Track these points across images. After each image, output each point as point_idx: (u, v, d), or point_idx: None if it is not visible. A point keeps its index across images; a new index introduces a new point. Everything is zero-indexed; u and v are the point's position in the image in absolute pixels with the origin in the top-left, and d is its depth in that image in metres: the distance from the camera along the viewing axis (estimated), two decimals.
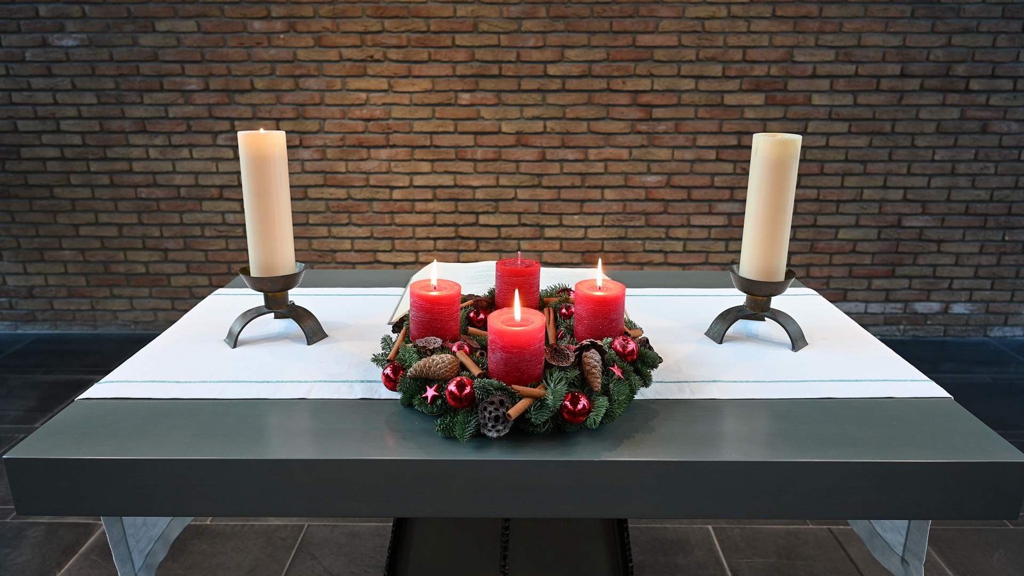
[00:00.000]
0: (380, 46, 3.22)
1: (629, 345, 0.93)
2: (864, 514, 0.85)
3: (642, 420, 0.92)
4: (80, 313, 3.60)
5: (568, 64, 3.24)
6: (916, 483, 0.83)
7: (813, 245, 3.48)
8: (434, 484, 0.83)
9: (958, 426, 0.91)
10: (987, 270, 3.50)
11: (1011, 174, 3.36)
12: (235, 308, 1.31)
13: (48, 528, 2.13)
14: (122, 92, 3.29)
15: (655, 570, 1.96)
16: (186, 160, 3.37)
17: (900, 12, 3.16)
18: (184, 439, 0.88)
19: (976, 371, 3.21)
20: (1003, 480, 0.82)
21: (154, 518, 1.10)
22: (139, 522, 1.06)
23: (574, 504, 0.83)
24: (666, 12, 3.17)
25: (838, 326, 1.23)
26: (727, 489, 0.85)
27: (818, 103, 3.28)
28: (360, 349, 1.12)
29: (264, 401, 0.97)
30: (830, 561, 1.99)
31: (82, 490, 0.86)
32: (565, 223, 3.43)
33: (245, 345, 1.14)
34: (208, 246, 3.49)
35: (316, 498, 0.85)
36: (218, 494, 0.85)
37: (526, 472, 0.82)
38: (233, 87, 3.28)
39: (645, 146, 3.34)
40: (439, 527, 1.19)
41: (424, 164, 3.36)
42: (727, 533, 2.11)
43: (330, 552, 2.03)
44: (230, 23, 3.20)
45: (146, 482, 0.84)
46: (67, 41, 3.23)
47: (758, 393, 0.99)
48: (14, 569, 1.96)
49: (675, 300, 1.37)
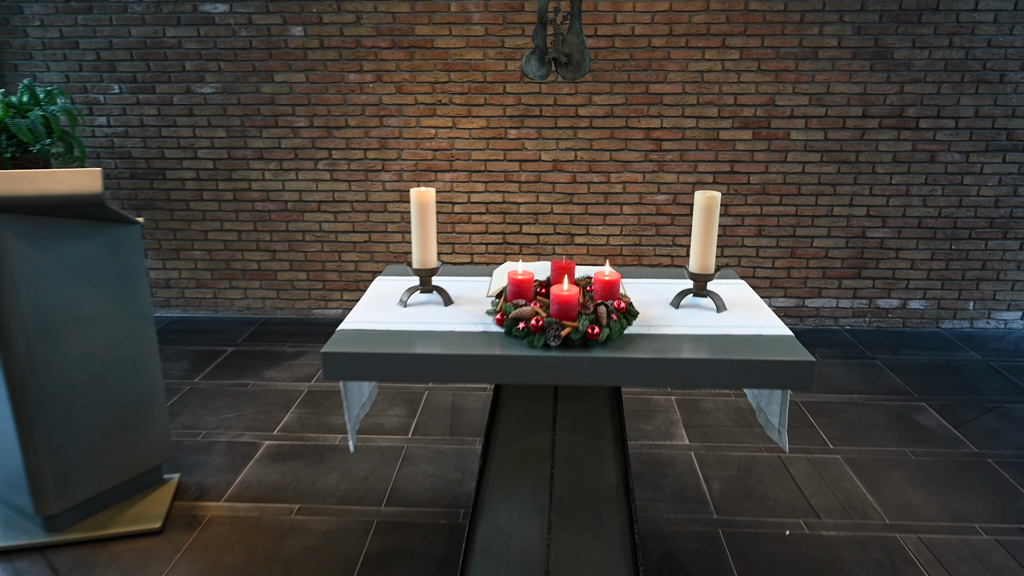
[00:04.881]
0: (447, 92, 4.11)
1: (622, 304, 1.78)
2: (740, 384, 1.69)
3: (628, 341, 1.76)
4: (205, 300, 4.54)
5: (594, 107, 4.09)
6: (762, 369, 1.67)
7: (793, 251, 4.28)
8: (522, 367, 1.69)
9: (788, 346, 1.74)
10: (937, 273, 4.28)
11: (955, 195, 4.13)
12: (392, 288, 2.18)
13: (228, 444, 3.04)
14: (246, 128, 4.22)
15: (651, 479, 2.80)
16: (292, 180, 4.29)
17: (861, 66, 3.96)
18: (395, 346, 1.74)
19: (927, 355, 3.99)
20: (801, 368, 1.66)
21: (357, 394, 1.97)
22: (354, 395, 1.93)
23: (592, 379, 1.68)
24: (672, 67, 4.01)
25: (748, 300, 2.06)
26: (671, 372, 1.69)
27: (795, 138, 4.09)
28: (475, 308, 1.99)
29: (431, 332, 1.84)
30: (775, 476, 2.82)
31: (352, 367, 1.73)
32: (591, 232, 4.28)
33: (411, 307, 2.01)
34: (307, 248, 4.41)
35: (467, 373, 1.71)
36: (417, 370, 1.72)
37: (568, 362, 1.68)
38: (331, 124, 4.19)
39: (656, 171, 4.18)
40: (515, 401, 2.04)
41: (479, 185, 4.24)
42: (703, 455, 2.95)
43: (424, 461, 2.91)
44: (331, 75, 4.11)
45: (382, 363, 1.71)
46: (206, 89, 4.16)
47: (692, 332, 1.83)
48: (212, 468, 2.87)
49: (654, 285, 2.22)
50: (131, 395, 2.53)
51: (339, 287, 4.47)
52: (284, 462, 2.92)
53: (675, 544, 2.43)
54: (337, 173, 4.26)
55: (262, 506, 2.64)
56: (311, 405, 3.40)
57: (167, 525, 2.53)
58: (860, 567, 2.31)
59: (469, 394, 3.50)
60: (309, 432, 3.16)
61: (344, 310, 4.50)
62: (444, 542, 2.43)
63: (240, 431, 3.16)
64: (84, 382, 2.39)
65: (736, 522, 2.54)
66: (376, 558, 2.36)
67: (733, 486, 2.75)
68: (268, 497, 2.69)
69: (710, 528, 2.51)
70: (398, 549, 2.41)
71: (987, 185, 4.09)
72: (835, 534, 2.47)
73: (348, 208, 4.31)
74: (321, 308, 4.52)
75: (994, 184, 4.08)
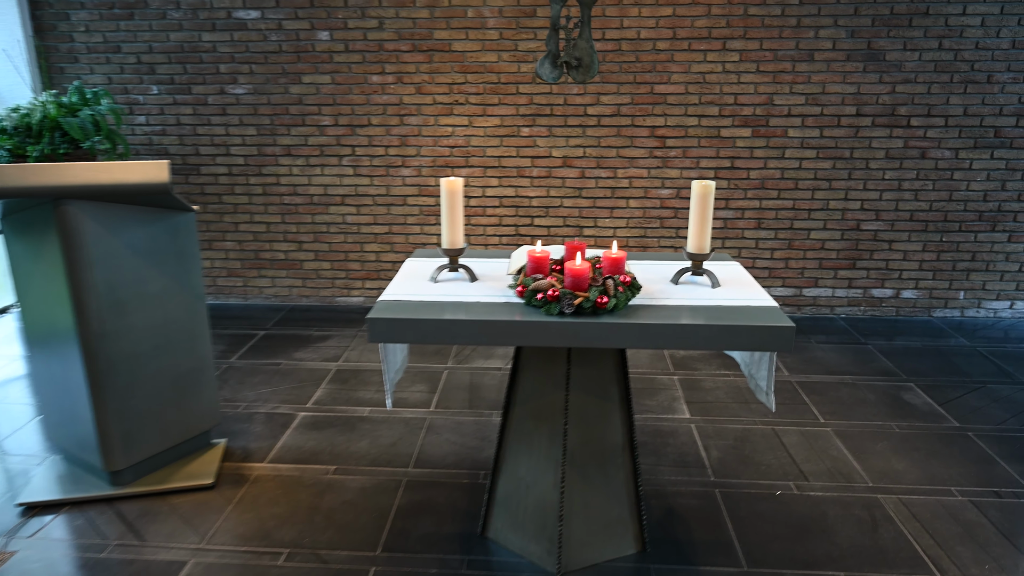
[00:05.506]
0: (463, 93, 4.38)
1: (627, 278, 2.04)
2: (729, 346, 1.95)
3: (632, 310, 2.02)
4: (235, 289, 4.83)
5: (602, 106, 4.35)
6: (748, 332, 1.92)
7: (791, 243, 4.53)
8: (540, 331, 1.95)
9: (772, 314, 2.00)
10: (929, 264, 4.51)
11: (945, 190, 4.37)
12: (423, 267, 2.45)
13: (267, 415, 3.32)
14: (275, 126, 4.50)
15: (654, 447, 3.06)
16: (318, 176, 4.57)
17: (855, 68, 4.20)
18: (429, 313, 2.01)
19: (918, 341, 4.23)
20: (783, 332, 1.91)
21: (394, 358, 2.24)
22: (391, 358, 2.20)
23: (601, 342, 1.94)
24: (676, 68, 4.26)
25: (740, 278, 2.32)
26: (669, 335, 1.95)
27: (793, 135, 4.34)
28: (497, 284, 2.25)
29: (460, 303, 2.10)
30: (769, 445, 3.07)
31: (392, 331, 1.99)
32: (599, 225, 4.54)
33: (440, 283, 2.28)
34: (331, 240, 4.69)
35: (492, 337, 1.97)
36: (448, 334, 1.98)
37: (580, 327, 1.94)
38: (355, 123, 4.46)
39: (660, 167, 4.43)
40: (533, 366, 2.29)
41: (493, 180, 4.51)
42: (702, 427, 3.21)
43: (446, 431, 3.18)
44: (355, 77, 4.39)
45: (418, 327, 1.98)
46: (238, 90, 4.45)
47: (689, 303, 2.08)
48: (253, 435, 3.15)
49: (656, 265, 2.47)
50: (186, 365, 2.81)
51: (361, 276, 4.75)
52: (319, 430, 3.20)
53: (676, 501, 2.69)
54: (360, 169, 4.53)
55: (302, 467, 2.91)
56: (340, 382, 3.68)
57: (218, 481, 2.81)
58: (843, 522, 2.57)
59: (485, 373, 3.77)
60: (339, 405, 3.43)
61: (366, 298, 4.78)
62: (467, 497, 2.70)
63: (276, 404, 3.44)
64: (147, 352, 2.67)
65: (731, 484, 2.79)
66: (406, 510, 2.63)
67: (730, 454, 3.01)
68: (306, 459, 2.97)
69: (708, 488, 2.77)
70: (425, 503, 2.68)
71: (976, 180, 4.32)
72: (822, 495, 2.73)
73: (370, 201, 4.59)
74: (344, 296, 4.79)
75: (983, 179, 4.32)
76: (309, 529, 2.54)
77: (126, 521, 2.60)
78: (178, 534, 2.53)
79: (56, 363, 2.67)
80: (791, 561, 2.36)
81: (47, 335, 2.67)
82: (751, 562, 2.36)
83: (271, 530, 2.54)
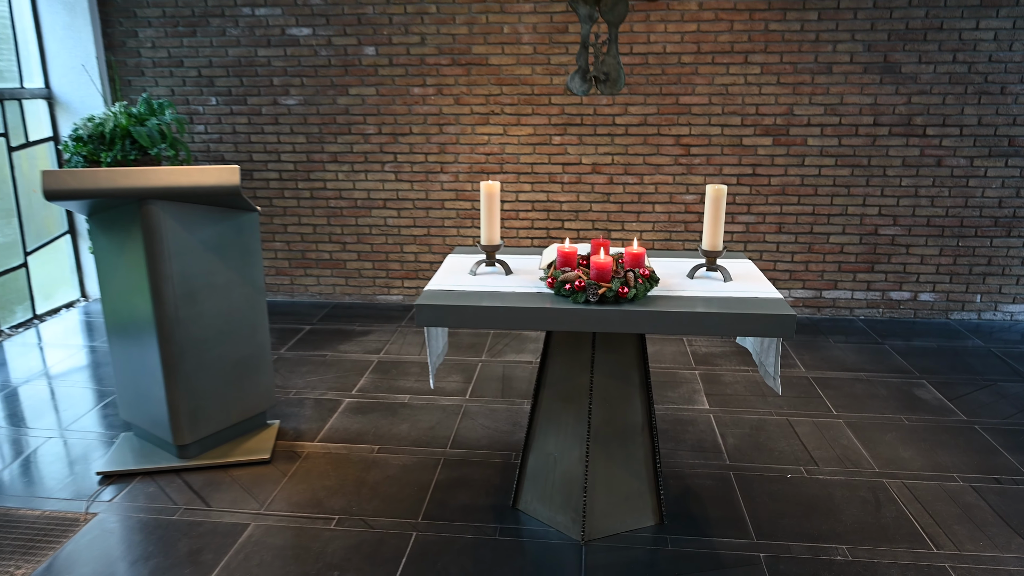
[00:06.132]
0: (499, 104, 4.65)
1: (646, 271, 2.28)
2: (737, 332, 2.18)
3: (650, 300, 2.26)
4: (283, 286, 5.16)
5: (629, 116, 4.59)
6: (754, 320, 2.15)
7: (811, 247, 4.71)
8: (568, 317, 2.20)
9: (777, 305, 2.22)
10: (946, 268, 4.66)
11: (961, 196, 4.52)
12: (463, 262, 2.71)
13: (315, 400, 3.62)
14: (323, 135, 4.82)
15: (674, 433, 3.28)
16: (362, 181, 4.88)
17: (872, 79, 4.39)
18: (470, 300, 2.27)
19: (934, 342, 4.38)
20: (785, 320, 2.14)
21: (438, 341, 2.50)
22: (434, 342, 2.46)
23: (622, 327, 2.18)
24: (700, 80, 4.49)
25: (750, 273, 2.54)
26: (684, 321, 2.19)
27: (812, 144, 4.53)
28: (530, 277, 2.50)
29: (496, 292, 2.36)
30: (783, 433, 3.28)
31: (437, 316, 2.26)
32: (626, 229, 4.78)
33: (479, 276, 2.54)
34: (374, 241, 4.99)
35: (525, 322, 2.23)
36: (487, 319, 2.24)
37: (604, 314, 2.18)
38: (397, 132, 4.77)
39: (685, 174, 4.65)
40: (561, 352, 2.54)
41: (527, 185, 4.77)
42: (720, 417, 3.42)
43: (481, 416, 3.44)
44: (398, 88, 4.69)
45: (461, 313, 2.24)
46: (290, 101, 4.78)
47: (702, 295, 2.32)
48: (304, 418, 3.44)
49: (674, 261, 2.70)
50: (247, 350, 3.11)
51: (400, 275, 5.04)
52: (363, 415, 3.48)
53: (693, 482, 2.91)
54: (401, 174, 4.83)
55: (348, 446, 3.19)
56: (382, 372, 3.96)
57: (274, 457, 3.11)
58: (848, 502, 2.76)
59: (517, 365, 4.03)
60: (382, 392, 3.71)
61: (404, 296, 5.07)
62: (500, 474, 2.96)
63: (324, 391, 3.74)
64: (213, 337, 2.98)
65: (745, 467, 3.00)
66: (445, 484, 2.90)
67: (745, 441, 3.22)
68: (353, 440, 3.25)
69: (723, 471, 2.98)
70: (462, 478, 2.93)
71: (991, 187, 4.47)
72: (830, 478, 2.92)
73: (410, 205, 4.88)
74: (384, 294, 5.09)
75: (997, 186, 4.46)
76: (357, 499, 2.82)
77: (193, 489, 2.90)
78: (240, 501, 2.82)
79: (134, 347, 2.99)
80: (798, 535, 2.57)
81: (127, 322, 2.99)
82: (761, 535, 2.57)
83: (322, 499, 2.82)
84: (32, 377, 3.96)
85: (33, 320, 4.85)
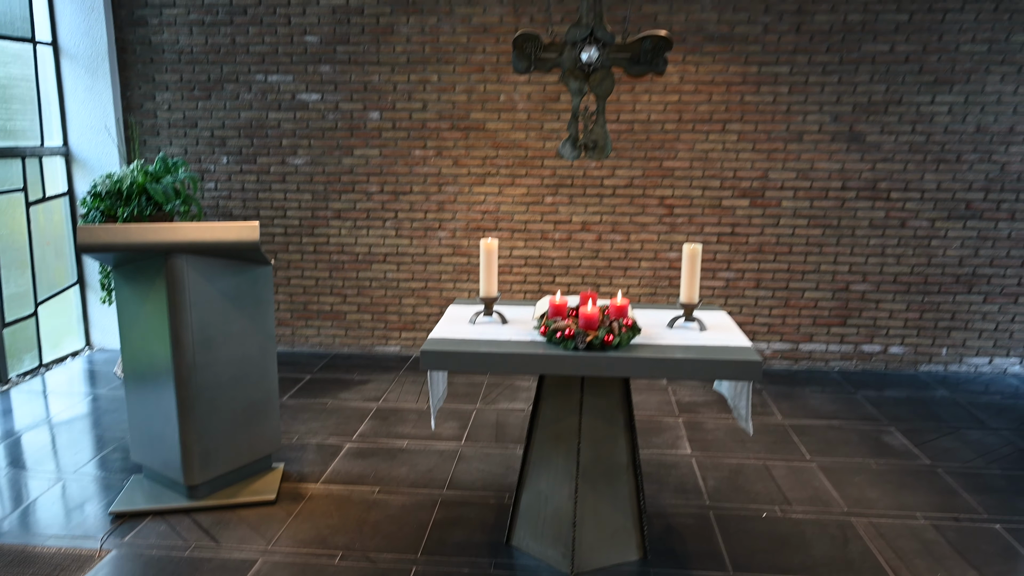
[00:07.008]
0: (495, 165, 4.97)
1: (629, 321, 2.53)
2: (711, 377, 2.42)
3: (633, 347, 2.51)
4: (284, 337, 5.37)
5: (616, 178, 4.92)
6: (725, 365, 2.40)
7: (787, 302, 4.99)
8: (559, 362, 2.44)
9: (747, 352, 2.47)
10: (913, 323, 4.95)
11: (924, 255, 4.84)
12: (463, 312, 2.95)
13: (318, 445, 3.79)
14: (328, 193, 5.11)
15: (658, 476, 3.48)
16: (364, 237, 5.15)
17: (839, 147, 4.75)
18: (470, 347, 2.50)
19: (903, 392, 4.63)
20: (752, 365, 2.38)
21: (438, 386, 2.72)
22: (435, 385, 2.68)
23: (608, 371, 2.42)
24: (682, 147, 4.84)
25: (724, 324, 2.80)
26: (663, 367, 2.43)
27: (786, 206, 4.86)
28: (524, 327, 2.74)
29: (494, 340, 2.59)
30: (759, 476, 3.48)
31: (441, 361, 2.49)
32: (614, 283, 5.05)
33: (478, 325, 2.78)
34: (373, 294, 5.23)
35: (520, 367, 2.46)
36: (485, 364, 2.47)
37: (591, 360, 2.42)
38: (398, 191, 5.07)
39: (668, 232, 4.96)
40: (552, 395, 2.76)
41: (520, 242, 5.06)
42: (702, 461, 3.63)
43: (476, 460, 3.63)
44: (400, 150, 5.01)
45: (461, 358, 2.47)
46: (297, 161, 5.09)
47: (680, 343, 2.56)
48: (307, 461, 3.62)
49: (655, 312, 2.96)
50: (256, 395, 3.31)
51: (398, 327, 5.27)
52: (364, 459, 3.66)
53: (675, 521, 3.10)
54: (401, 231, 5.11)
55: (350, 487, 3.37)
56: (381, 419, 4.15)
57: (279, 498, 3.27)
58: (818, 539, 2.96)
59: (510, 412, 4.23)
60: (381, 438, 3.90)
61: (402, 346, 5.28)
62: (494, 514, 3.14)
63: (326, 436, 3.92)
64: (226, 382, 3.18)
65: (724, 507, 3.20)
66: (442, 523, 3.07)
67: (724, 483, 3.42)
68: (354, 482, 3.42)
69: (703, 511, 3.18)
70: (458, 518, 3.11)
71: (951, 247, 4.80)
72: (802, 517, 3.12)
73: (409, 260, 5.15)
74: (382, 345, 5.31)
75: (957, 247, 4.79)
76: (359, 537, 2.98)
77: (202, 528, 3.06)
78: (248, 539, 2.98)
79: (151, 391, 3.18)
80: (771, 568, 2.76)
81: (145, 367, 3.19)
82: (736, 568, 2.76)
83: (326, 537, 2.98)
84: (38, 423, 4.11)
85: (40, 368, 5.02)
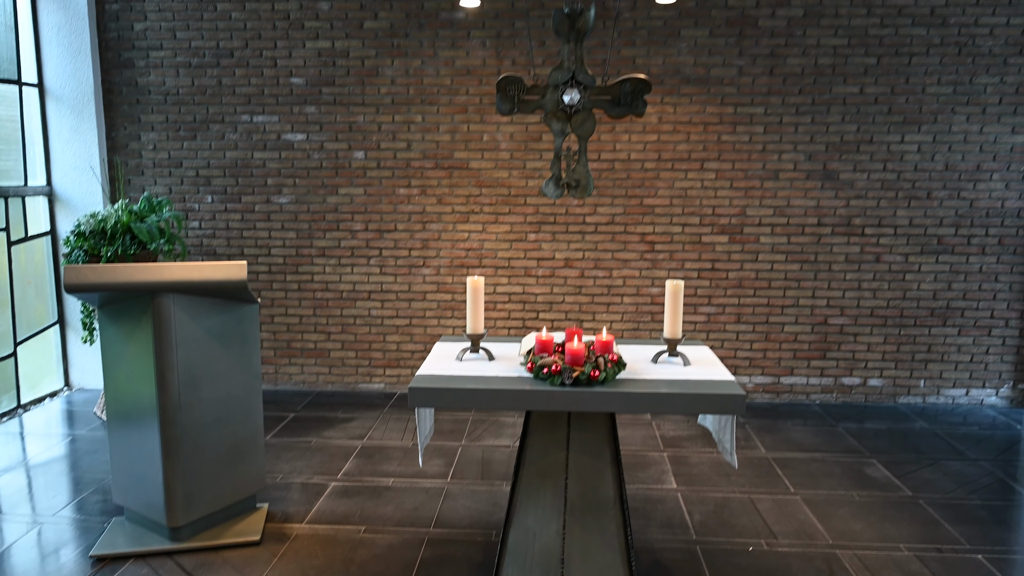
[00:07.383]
0: (479, 203, 5.05)
1: (615, 357, 2.57)
2: (695, 410, 2.46)
3: (619, 382, 2.54)
4: (267, 375, 5.34)
5: (598, 216, 5.01)
6: (709, 399, 2.44)
7: (767, 336, 5.07)
8: (546, 398, 2.46)
9: (729, 386, 2.51)
10: (891, 355, 5.04)
11: (899, 289, 4.96)
12: (450, 349, 2.98)
13: (302, 484, 3.76)
14: (312, 231, 5.15)
15: (644, 511, 3.48)
16: (348, 274, 5.18)
17: (814, 185, 4.88)
18: (457, 383, 2.52)
19: (883, 424, 4.70)
20: (735, 399, 2.43)
21: (425, 423, 2.73)
22: (423, 422, 2.69)
23: (594, 406, 2.45)
24: (662, 185, 4.95)
25: (707, 358, 2.85)
26: (647, 401, 2.47)
27: (764, 242, 4.97)
28: (511, 363, 2.77)
29: (481, 376, 2.62)
30: (745, 510, 3.50)
31: (429, 398, 2.51)
32: (597, 319, 5.11)
33: (465, 361, 2.81)
34: (357, 331, 5.24)
35: (507, 403, 2.49)
36: (473, 400, 2.49)
37: (577, 395, 2.45)
38: (383, 228, 5.11)
39: (650, 268, 5.04)
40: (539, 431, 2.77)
41: (503, 279, 5.11)
42: (687, 495, 3.64)
43: (462, 498, 3.62)
44: (384, 189, 5.07)
45: (449, 395, 2.49)
46: (282, 200, 5.13)
47: (664, 377, 2.60)
48: (292, 501, 3.58)
49: (640, 348, 3.01)
50: (241, 435, 3.29)
51: (382, 364, 5.26)
52: (349, 497, 3.63)
53: (662, 556, 3.10)
54: (385, 268, 5.14)
55: (336, 527, 3.34)
56: (365, 457, 4.13)
57: (264, 539, 3.23)
58: (805, 572, 2.98)
59: (496, 449, 4.23)
60: (366, 476, 3.87)
61: (386, 384, 5.27)
62: (482, 552, 3.12)
63: (310, 475, 3.89)
64: (211, 422, 3.16)
65: (711, 541, 3.21)
66: (429, 562, 3.05)
67: (711, 517, 3.43)
68: (340, 521, 3.39)
69: (690, 545, 3.18)
70: (446, 556, 3.09)
71: (925, 281, 4.92)
72: (788, 550, 3.14)
73: (393, 297, 5.17)
74: (366, 382, 5.29)
75: (931, 280, 4.91)
76: None
77: (185, 570, 3.01)
78: None
79: (134, 432, 3.15)
80: None
81: (129, 408, 3.17)
82: None
83: None
84: (15, 466, 4.04)
85: (18, 409, 4.94)
